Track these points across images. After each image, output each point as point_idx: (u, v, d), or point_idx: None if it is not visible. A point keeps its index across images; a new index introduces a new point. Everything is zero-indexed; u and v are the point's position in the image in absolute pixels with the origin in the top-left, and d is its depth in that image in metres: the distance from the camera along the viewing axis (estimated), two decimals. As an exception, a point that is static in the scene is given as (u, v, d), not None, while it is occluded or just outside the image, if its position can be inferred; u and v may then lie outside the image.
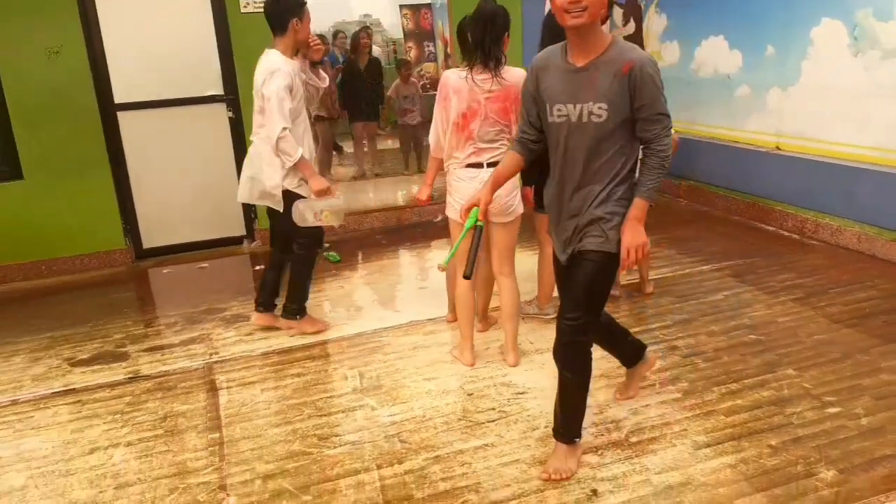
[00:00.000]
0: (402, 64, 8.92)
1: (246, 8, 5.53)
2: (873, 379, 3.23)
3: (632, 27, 7.44)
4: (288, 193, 3.70)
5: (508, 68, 3.28)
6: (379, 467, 2.78)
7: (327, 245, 5.80)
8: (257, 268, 5.48)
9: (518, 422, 3.04)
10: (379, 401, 3.30)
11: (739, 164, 6.12)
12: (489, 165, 3.31)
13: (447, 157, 3.46)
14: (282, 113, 3.53)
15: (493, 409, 3.16)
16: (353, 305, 4.63)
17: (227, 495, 2.67)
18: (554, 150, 2.53)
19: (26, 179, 5.34)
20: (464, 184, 3.37)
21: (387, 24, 13.92)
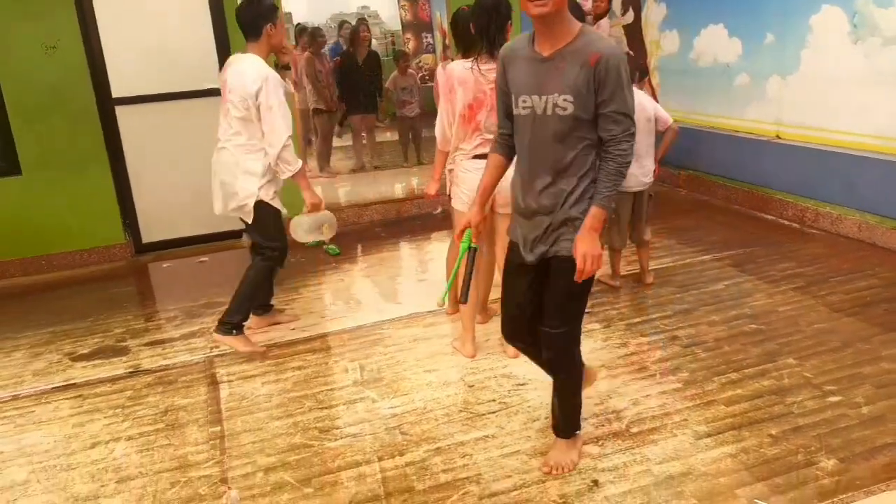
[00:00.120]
0: (401, 56, 8.90)
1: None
2: (874, 367, 3.23)
3: (631, 16, 7.40)
4: (260, 204, 3.60)
5: None
6: (380, 459, 2.79)
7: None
8: (257, 261, 5.48)
9: (519, 413, 3.04)
10: (380, 393, 3.31)
11: (739, 153, 6.11)
12: None
13: (454, 148, 3.45)
14: (286, 122, 3.49)
15: (494, 400, 3.16)
16: (353, 298, 4.63)
17: (229, 488, 2.67)
18: (520, 144, 2.43)
19: (24, 175, 5.33)
20: (471, 175, 3.34)
21: (385, 15, 13.87)
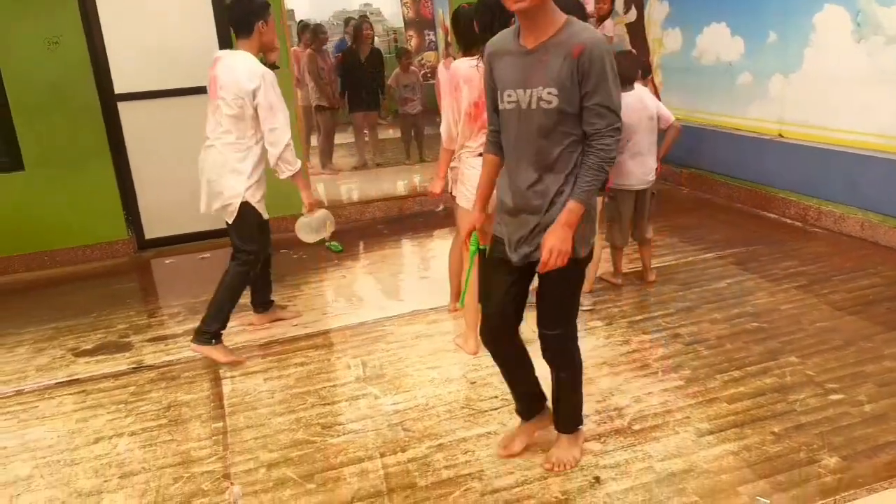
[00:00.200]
0: (403, 53, 8.89)
1: None
2: (876, 366, 3.23)
3: (633, 14, 7.40)
4: (245, 206, 3.53)
5: None
6: (382, 455, 2.80)
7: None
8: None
9: (521, 410, 3.04)
10: (382, 389, 3.31)
11: (742, 151, 6.10)
12: None
13: (459, 146, 3.45)
14: (287, 120, 3.48)
15: (496, 397, 3.16)
16: (355, 295, 4.63)
17: (231, 484, 2.68)
18: (506, 140, 2.38)
19: (27, 171, 5.34)
20: (475, 172, 3.33)
21: (387, 13, 13.88)
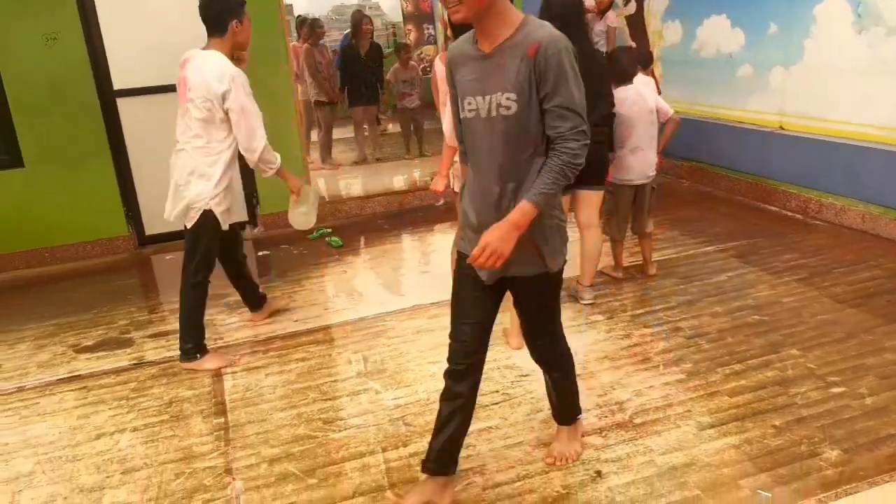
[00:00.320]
0: (402, 48, 8.86)
1: None
2: (878, 358, 3.23)
3: (633, 7, 7.37)
4: (207, 213, 3.44)
5: None
6: (384, 450, 2.80)
7: (329, 230, 5.80)
8: (260, 254, 5.48)
9: (522, 404, 3.05)
10: (383, 384, 3.31)
11: (742, 144, 6.09)
12: None
13: (461, 142, 3.44)
14: (260, 122, 3.38)
15: (497, 391, 3.16)
16: (355, 290, 4.63)
17: (233, 479, 2.68)
18: (469, 151, 2.26)
19: (27, 167, 5.33)
20: None
21: (386, 7, 13.81)
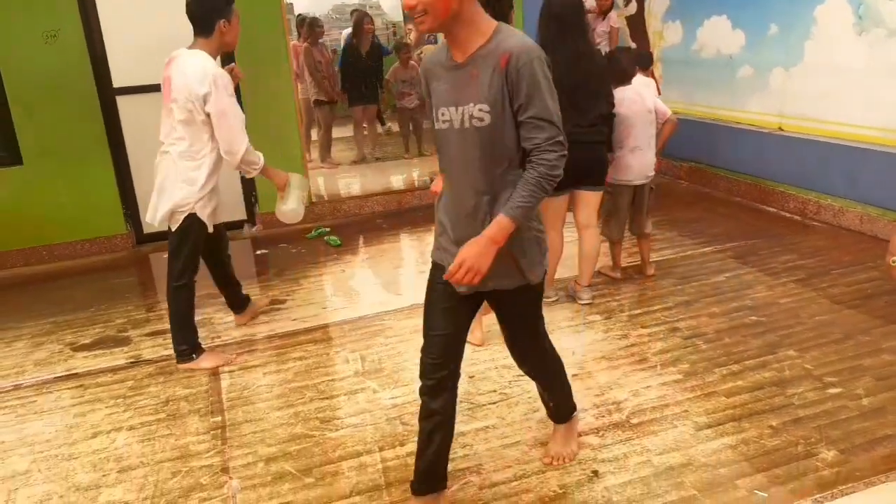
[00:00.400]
0: (402, 47, 8.84)
1: None
2: (875, 359, 3.23)
3: (633, 7, 7.37)
4: (192, 217, 3.41)
5: None
6: (381, 449, 2.80)
7: (328, 229, 5.80)
8: (258, 252, 5.48)
9: (519, 404, 3.05)
10: (380, 383, 3.31)
11: (741, 145, 6.09)
12: None
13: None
14: (241, 123, 3.35)
15: (495, 391, 3.16)
16: (354, 289, 4.63)
17: (230, 478, 2.68)
18: (444, 163, 2.20)
19: (26, 165, 5.33)
20: None
21: (386, 6, 13.82)
